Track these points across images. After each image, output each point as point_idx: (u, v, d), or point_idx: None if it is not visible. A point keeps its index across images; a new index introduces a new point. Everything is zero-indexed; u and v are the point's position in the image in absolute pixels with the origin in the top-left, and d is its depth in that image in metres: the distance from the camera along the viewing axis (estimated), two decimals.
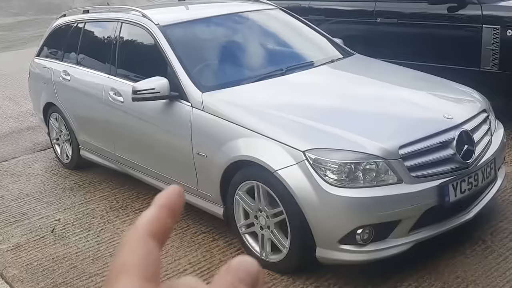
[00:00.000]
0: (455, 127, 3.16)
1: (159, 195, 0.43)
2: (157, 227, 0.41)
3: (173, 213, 0.42)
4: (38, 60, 5.62)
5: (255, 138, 3.18)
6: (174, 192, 0.43)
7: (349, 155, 2.92)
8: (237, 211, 3.38)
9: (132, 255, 0.39)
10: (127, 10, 4.60)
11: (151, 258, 0.39)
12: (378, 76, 4.08)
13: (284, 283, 3.14)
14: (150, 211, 0.42)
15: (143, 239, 0.40)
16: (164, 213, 0.41)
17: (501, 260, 3.16)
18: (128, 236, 0.40)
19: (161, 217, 0.41)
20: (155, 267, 0.39)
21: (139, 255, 0.39)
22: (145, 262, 0.39)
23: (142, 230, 0.40)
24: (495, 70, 4.89)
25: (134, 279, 0.38)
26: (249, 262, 0.40)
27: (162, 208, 0.42)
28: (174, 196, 0.43)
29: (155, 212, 0.41)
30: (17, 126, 6.93)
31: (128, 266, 0.38)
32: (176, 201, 0.43)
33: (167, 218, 0.42)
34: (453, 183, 3.02)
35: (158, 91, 3.61)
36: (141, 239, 0.40)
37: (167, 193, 0.43)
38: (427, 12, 5.38)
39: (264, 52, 4.36)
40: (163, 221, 0.41)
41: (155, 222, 0.41)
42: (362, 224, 2.87)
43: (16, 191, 4.93)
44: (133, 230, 0.41)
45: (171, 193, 0.43)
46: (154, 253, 0.40)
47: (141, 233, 0.40)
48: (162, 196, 0.43)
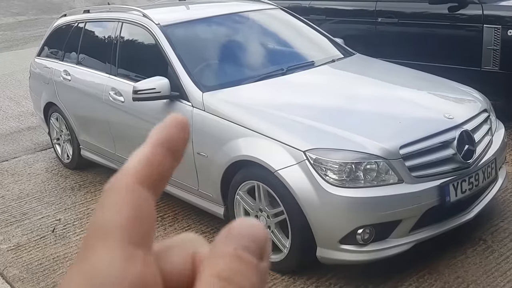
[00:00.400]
0: (456, 127, 3.16)
1: (155, 128, 0.33)
2: (151, 171, 0.31)
3: (173, 151, 0.32)
4: (38, 60, 5.63)
5: (256, 138, 3.18)
6: (174, 124, 0.33)
7: (350, 155, 2.91)
8: (237, 211, 3.38)
9: (116, 212, 0.29)
10: (127, 10, 4.60)
11: (143, 214, 0.30)
12: (379, 76, 4.07)
13: (285, 283, 3.14)
14: (141, 151, 0.32)
15: (131, 188, 0.30)
16: (160, 152, 0.31)
17: (502, 260, 3.16)
18: (112, 185, 0.30)
19: (156, 158, 0.31)
20: (148, 226, 0.30)
21: (126, 211, 0.29)
22: (134, 221, 0.29)
23: (131, 176, 0.30)
24: (496, 70, 4.89)
25: (116, 245, 0.28)
26: (253, 226, 0.31)
27: (157, 146, 0.32)
28: (173, 130, 0.32)
29: (148, 152, 0.31)
30: (17, 126, 6.93)
31: (110, 227, 0.29)
32: (176, 135, 0.32)
33: (164, 159, 0.32)
34: (454, 183, 3.02)
35: (159, 91, 3.61)
36: (129, 188, 0.30)
37: (165, 126, 0.33)
38: (428, 12, 5.38)
39: (264, 52, 4.36)
40: (158, 163, 0.31)
41: (149, 164, 0.31)
42: (363, 224, 2.86)
43: (17, 191, 4.93)
44: (119, 177, 0.30)
45: (170, 126, 0.32)
46: (145, 207, 0.30)
47: (128, 180, 0.30)
48: (158, 130, 0.33)
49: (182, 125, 0.33)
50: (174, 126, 0.32)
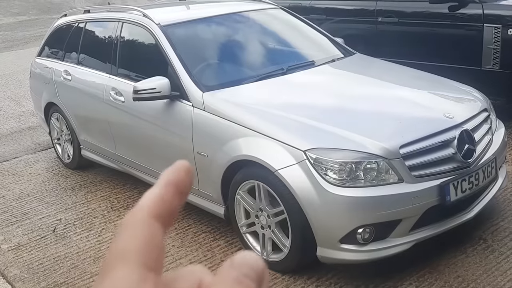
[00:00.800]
0: (456, 126, 3.16)
1: (165, 172, 0.38)
2: (162, 208, 0.36)
3: (180, 192, 0.38)
4: (39, 60, 5.63)
5: (256, 138, 3.18)
6: (181, 168, 0.38)
7: (350, 154, 2.92)
8: (238, 211, 3.38)
9: (132, 240, 0.35)
10: (128, 10, 4.61)
11: (154, 243, 0.35)
12: (379, 76, 4.07)
13: (285, 283, 3.14)
14: (154, 190, 0.37)
15: (146, 221, 0.35)
16: (170, 192, 0.37)
17: (502, 259, 3.16)
18: (129, 218, 0.36)
19: (167, 197, 0.37)
20: (158, 253, 0.35)
21: (141, 239, 0.35)
22: (147, 248, 0.34)
23: (146, 212, 0.36)
24: (496, 69, 4.89)
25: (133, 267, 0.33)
26: (253, 258, 0.37)
27: (168, 186, 0.37)
28: (181, 173, 0.38)
29: (160, 191, 0.37)
30: (18, 126, 6.93)
31: (128, 252, 0.34)
32: (183, 178, 0.38)
33: (173, 198, 0.37)
34: (454, 183, 3.02)
35: (159, 91, 3.62)
36: (144, 221, 0.35)
37: (174, 169, 0.38)
38: (428, 11, 5.38)
39: (265, 52, 4.36)
40: (169, 201, 0.37)
41: (160, 202, 0.37)
42: (363, 223, 2.87)
43: (18, 191, 4.94)
44: (135, 212, 0.36)
45: (178, 170, 0.38)
46: (158, 238, 0.35)
47: (144, 215, 0.36)
48: (168, 173, 0.38)
49: (188, 169, 0.38)
50: (180, 170, 0.38)
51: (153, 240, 0.35)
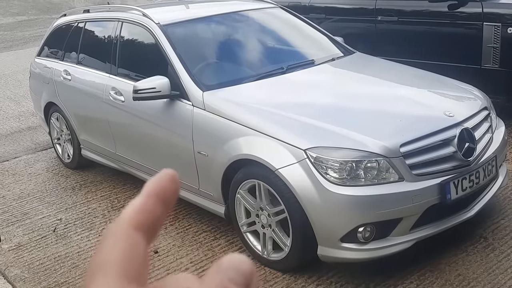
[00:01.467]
0: (456, 125, 3.16)
1: (149, 181, 0.37)
2: (144, 218, 0.36)
3: (164, 201, 0.37)
4: (38, 60, 5.63)
5: (256, 137, 3.18)
6: (165, 177, 0.37)
7: (350, 153, 2.92)
8: (238, 210, 3.38)
9: (112, 251, 0.34)
10: (127, 10, 4.60)
11: (134, 253, 0.34)
12: (379, 74, 4.07)
13: (286, 282, 3.14)
14: (137, 200, 0.36)
15: (126, 231, 0.35)
16: (152, 201, 0.36)
17: (503, 258, 3.16)
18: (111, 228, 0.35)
19: (149, 207, 0.36)
20: (140, 264, 0.34)
21: (121, 250, 0.34)
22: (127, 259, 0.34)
23: (126, 222, 0.35)
24: (496, 67, 4.89)
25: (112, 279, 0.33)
26: (240, 260, 0.35)
27: (150, 196, 0.36)
28: (164, 182, 0.37)
29: (142, 201, 0.36)
30: (18, 126, 6.93)
31: (107, 264, 0.33)
32: (167, 187, 0.37)
33: (156, 207, 0.36)
34: (455, 181, 3.02)
35: (159, 90, 3.61)
36: (124, 231, 0.35)
37: (157, 178, 0.37)
38: (427, 10, 5.37)
39: (264, 51, 4.36)
40: (151, 210, 0.36)
41: (141, 212, 0.36)
42: (364, 222, 2.87)
43: (18, 191, 4.94)
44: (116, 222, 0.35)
45: (161, 179, 0.37)
46: (138, 248, 0.35)
47: (124, 225, 0.35)
48: (152, 182, 0.37)
49: (173, 178, 0.38)
50: (164, 179, 0.37)
51: (134, 251, 0.34)
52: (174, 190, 0.37)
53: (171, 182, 0.37)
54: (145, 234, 0.35)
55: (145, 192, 0.37)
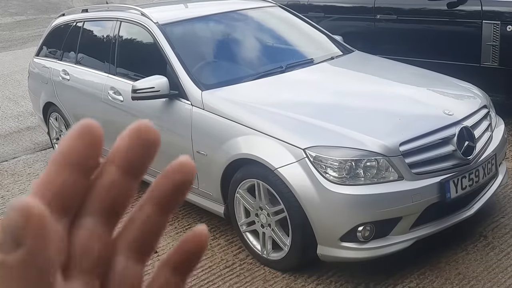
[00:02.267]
0: (456, 123, 3.15)
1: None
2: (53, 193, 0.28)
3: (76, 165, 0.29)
4: (37, 60, 5.62)
5: (255, 136, 3.17)
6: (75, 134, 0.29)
7: (350, 152, 2.91)
8: (237, 209, 3.38)
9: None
10: (126, 9, 4.59)
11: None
12: (378, 73, 4.07)
13: (286, 281, 3.14)
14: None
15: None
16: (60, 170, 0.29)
17: (503, 256, 3.15)
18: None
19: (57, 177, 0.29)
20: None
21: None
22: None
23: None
24: (495, 65, 4.88)
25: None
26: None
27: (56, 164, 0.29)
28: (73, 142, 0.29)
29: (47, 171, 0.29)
30: (17, 126, 6.92)
31: None
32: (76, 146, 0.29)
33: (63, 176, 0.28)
34: (454, 180, 3.02)
35: (158, 90, 3.61)
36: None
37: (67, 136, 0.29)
38: (426, 8, 5.37)
39: (263, 50, 4.35)
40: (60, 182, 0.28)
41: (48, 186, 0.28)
42: (363, 221, 2.86)
43: (17, 191, 4.93)
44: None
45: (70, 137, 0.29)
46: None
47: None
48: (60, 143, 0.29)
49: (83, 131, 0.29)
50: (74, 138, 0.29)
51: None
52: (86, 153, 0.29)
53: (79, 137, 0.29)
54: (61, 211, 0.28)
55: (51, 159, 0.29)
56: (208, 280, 3.24)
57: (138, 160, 0.31)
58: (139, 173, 0.31)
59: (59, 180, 0.28)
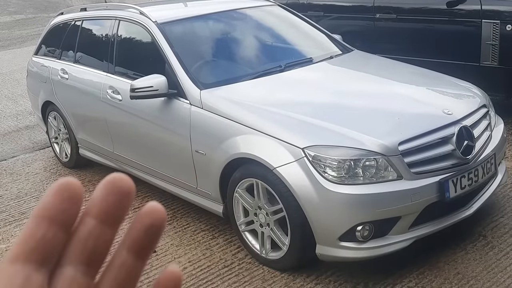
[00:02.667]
0: (455, 122, 3.14)
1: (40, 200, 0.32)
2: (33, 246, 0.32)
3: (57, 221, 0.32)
4: (36, 59, 5.61)
5: (254, 136, 3.17)
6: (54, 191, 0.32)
7: (349, 151, 2.90)
8: (236, 209, 3.37)
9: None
10: (124, 8, 4.58)
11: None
12: (377, 72, 4.06)
13: (284, 281, 3.13)
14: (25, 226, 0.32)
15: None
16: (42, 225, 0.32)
17: (502, 256, 3.15)
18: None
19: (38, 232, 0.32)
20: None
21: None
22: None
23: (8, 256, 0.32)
24: (495, 65, 4.87)
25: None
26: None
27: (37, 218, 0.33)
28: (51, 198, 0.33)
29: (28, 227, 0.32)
30: (15, 125, 6.91)
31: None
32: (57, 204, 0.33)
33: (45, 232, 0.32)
34: (453, 179, 3.01)
35: (156, 89, 3.60)
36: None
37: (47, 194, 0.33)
38: (426, 7, 5.36)
39: (262, 49, 4.34)
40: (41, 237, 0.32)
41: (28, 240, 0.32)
42: (362, 220, 2.85)
43: (15, 190, 4.92)
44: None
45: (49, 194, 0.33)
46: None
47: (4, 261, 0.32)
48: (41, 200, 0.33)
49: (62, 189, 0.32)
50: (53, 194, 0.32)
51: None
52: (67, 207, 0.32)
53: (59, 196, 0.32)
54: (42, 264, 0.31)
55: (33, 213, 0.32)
56: (207, 279, 3.23)
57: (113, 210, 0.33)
58: (115, 222, 0.33)
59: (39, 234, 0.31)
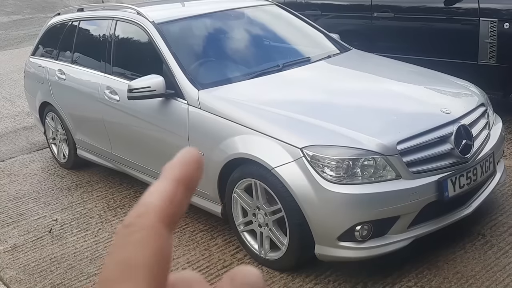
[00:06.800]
0: (453, 121, 3.14)
1: (174, 163, 0.32)
2: (172, 211, 0.30)
3: (191, 190, 0.32)
4: (33, 59, 5.59)
5: (252, 136, 3.16)
6: (192, 160, 0.32)
7: (347, 151, 2.89)
8: (235, 209, 3.36)
9: (141, 251, 0.29)
10: (121, 8, 4.56)
11: (164, 255, 0.30)
12: (375, 71, 4.05)
13: (283, 281, 3.12)
14: (162, 187, 0.31)
15: (155, 228, 0.30)
16: (181, 191, 0.31)
17: (501, 255, 3.15)
18: (135, 221, 0.30)
19: (178, 197, 0.31)
20: (167, 265, 0.30)
21: (151, 251, 0.29)
22: (158, 261, 0.29)
23: (154, 216, 0.30)
24: (493, 63, 4.87)
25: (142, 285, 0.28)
26: (254, 277, 0.33)
27: (178, 184, 0.31)
28: (192, 167, 0.32)
29: (171, 190, 0.31)
30: (13, 126, 6.90)
31: (135, 267, 0.28)
32: (194, 173, 0.32)
33: (184, 198, 0.31)
34: (452, 178, 3.00)
35: (154, 89, 3.59)
36: (153, 228, 0.30)
37: (184, 161, 0.32)
38: (424, 6, 5.36)
39: (260, 49, 4.33)
40: (179, 202, 0.31)
41: (170, 204, 0.30)
42: (361, 220, 2.85)
43: (13, 191, 4.91)
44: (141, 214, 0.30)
45: (188, 162, 0.32)
46: (168, 248, 0.30)
47: (152, 220, 0.30)
48: (178, 165, 0.32)
49: (199, 163, 0.33)
50: (193, 163, 0.32)
51: (163, 252, 0.30)
52: (199, 177, 0.32)
53: (198, 167, 0.32)
54: (170, 227, 0.30)
55: (172, 177, 0.31)
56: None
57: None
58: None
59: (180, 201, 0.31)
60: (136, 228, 0.30)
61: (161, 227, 0.30)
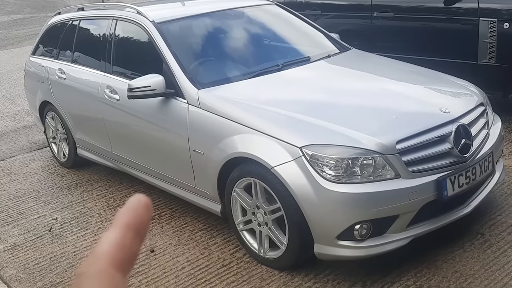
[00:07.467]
0: (453, 121, 3.15)
1: (122, 211, 0.34)
2: (123, 255, 0.32)
3: (140, 233, 0.33)
4: (33, 59, 5.60)
5: (252, 135, 3.16)
6: (139, 206, 0.34)
7: (346, 150, 2.90)
8: (234, 208, 3.37)
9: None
10: (121, 7, 4.57)
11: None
12: (375, 71, 4.06)
13: (283, 280, 3.13)
14: (112, 234, 0.32)
15: (106, 272, 0.31)
16: (130, 235, 0.33)
17: (500, 254, 3.15)
18: (88, 268, 0.31)
19: (127, 242, 0.32)
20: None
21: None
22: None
23: (105, 261, 0.31)
24: (492, 63, 4.88)
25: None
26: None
27: (127, 229, 0.33)
28: (140, 212, 0.34)
29: (120, 236, 0.32)
30: (13, 125, 6.90)
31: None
32: (143, 218, 0.33)
33: (133, 243, 0.33)
34: (451, 178, 3.01)
35: (154, 89, 3.59)
36: (105, 272, 0.31)
37: (131, 208, 0.34)
38: (423, 6, 5.36)
39: (260, 48, 4.34)
40: (129, 246, 0.32)
41: (120, 249, 0.32)
42: (360, 219, 2.85)
43: (13, 190, 4.91)
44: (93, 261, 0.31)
45: (136, 208, 0.34)
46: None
47: (103, 265, 0.31)
48: (126, 213, 0.33)
49: (147, 206, 0.34)
50: (141, 208, 0.34)
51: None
52: (148, 220, 0.34)
53: (146, 211, 0.34)
54: (123, 271, 0.32)
55: (121, 224, 0.33)
56: (205, 279, 3.23)
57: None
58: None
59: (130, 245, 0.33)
60: (88, 275, 0.31)
61: (113, 271, 0.31)
